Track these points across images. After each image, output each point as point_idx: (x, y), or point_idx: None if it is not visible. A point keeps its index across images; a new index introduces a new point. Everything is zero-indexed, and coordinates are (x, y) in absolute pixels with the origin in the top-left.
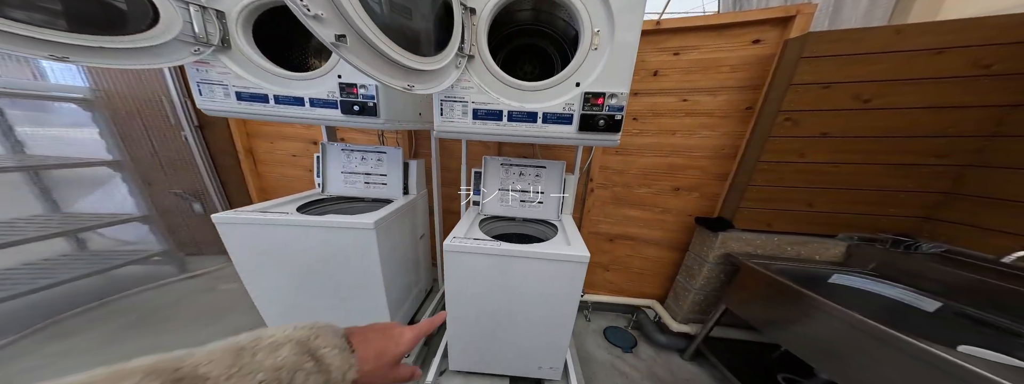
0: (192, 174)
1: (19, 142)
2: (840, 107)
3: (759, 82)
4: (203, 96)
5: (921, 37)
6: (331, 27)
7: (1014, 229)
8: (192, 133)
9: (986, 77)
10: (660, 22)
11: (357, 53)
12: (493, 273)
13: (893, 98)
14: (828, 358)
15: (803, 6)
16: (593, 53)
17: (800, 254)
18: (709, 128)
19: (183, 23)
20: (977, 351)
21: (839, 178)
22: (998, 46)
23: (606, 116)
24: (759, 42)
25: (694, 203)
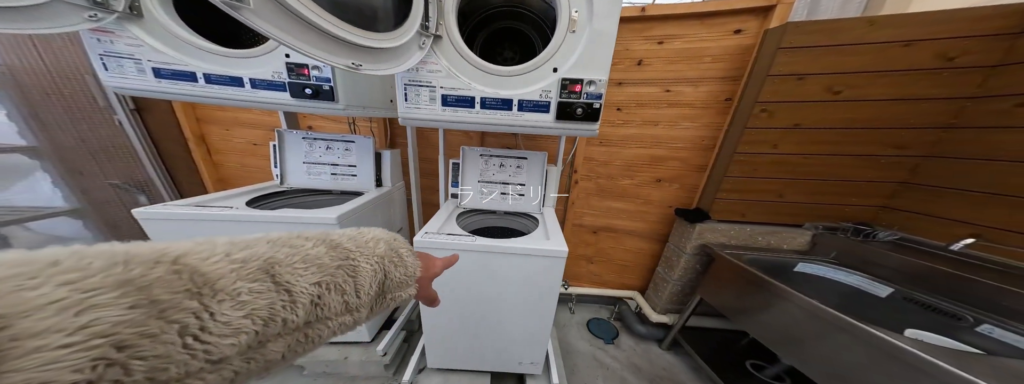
0: (132, 163)
1: None
2: (813, 99)
3: (739, 73)
4: (109, 72)
5: (893, 29)
6: None
7: (962, 217)
8: (128, 117)
9: (949, 70)
10: (645, 9)
11: (268, 19)
12: (470, 269)
13: (862, 90)
14: (788, 344)
15: None
16: (570, 36)
17: (770, 244)
18: (690, 119)
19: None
20: (922, 335)
21: (808, 169)
22: (962, 39)
23: (583, 104)
24: (740, 32)
25: (674, 194)
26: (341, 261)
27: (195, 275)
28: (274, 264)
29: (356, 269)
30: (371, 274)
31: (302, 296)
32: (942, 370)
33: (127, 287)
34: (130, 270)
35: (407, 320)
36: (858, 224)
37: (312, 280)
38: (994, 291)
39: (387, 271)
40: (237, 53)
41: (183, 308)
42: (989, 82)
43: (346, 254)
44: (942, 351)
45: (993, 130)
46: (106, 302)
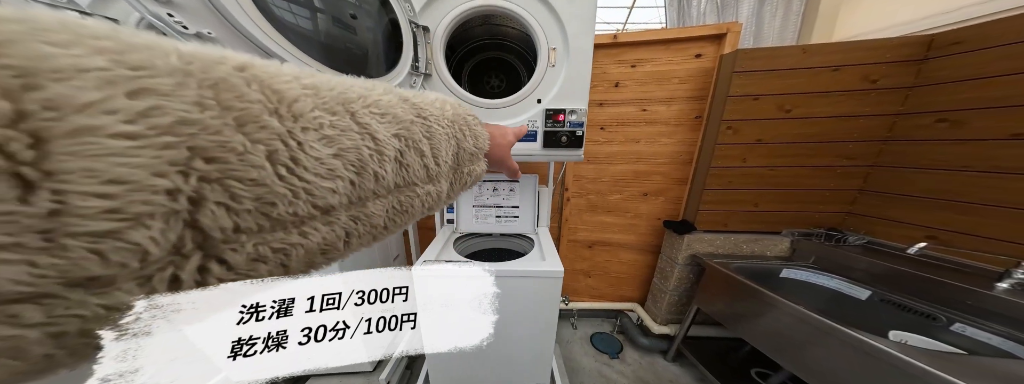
0: None
1: None
2: (768, 117)
3: (704, 93)
4: None
5: (822, 56)
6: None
7: (916, 221)
8: None
9: (875, 90)
10: (617, 36)
11: None
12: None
13: (807, 108)
14: (783, 351)
15: (731, 24)
16: (551, 70)
17: (754, 251)
18: (667, 136)
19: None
20: (906, 336)
21: (776, 180)
22: (880, 64)
23: (567, 132)
24: (700, 56)
25: (661, 207)
26: (414, 116)
27: (267, 89)
28: (350, 101)
29: (430, 129)
30: (446, 137)
31: (387, 147)
32: (936, 377)
33: (186, 78)
34: (187, 62)
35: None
36: (829, 229)
37: (392, 131)
38: (957, 290)
39: (458, 139)
40: None
41: (263, 125)
42: (909, 101)
43: (417, 110)
44: (930, 354)
45: (922, 143)
46: (164, 88)
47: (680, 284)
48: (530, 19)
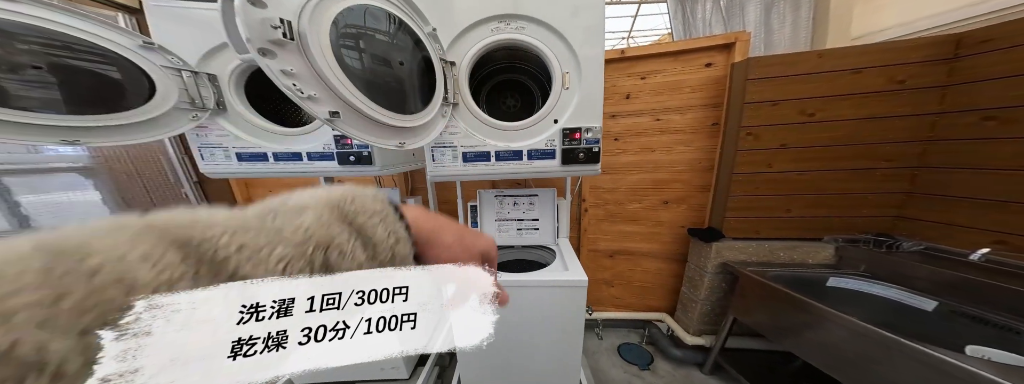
0: None
1: (25, 216)
2: (790, 121)
3: (718, 101)
4: (205, 161)
5: (840, 59)
6: (325, 105)
7: (977, 225)
8: (192, 189)
9: (906, 91)
10: (624, 51)
11: (351, 124)
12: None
13: (832, 111)
14: (841, 367)
15: (740, 34)
16: (565, 92)
17: (793, 259)
18: (683, 144)
19: (179, 91)
20: (986, 351)
21: (807, 184)
22: (905, 65)
23: (584, 149)
24: (711, 65)
25: (684, 214)
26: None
27: None
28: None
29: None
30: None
31: None
32: None
33: None
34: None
35: (439, 355)
36: (878, 235)
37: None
38: None
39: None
40: (296, 131)
41: None
42: (948, 99)
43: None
44: (1013, 370)
45: (972, 141)
46: None
47: (712, 293)
48: (544, 48)
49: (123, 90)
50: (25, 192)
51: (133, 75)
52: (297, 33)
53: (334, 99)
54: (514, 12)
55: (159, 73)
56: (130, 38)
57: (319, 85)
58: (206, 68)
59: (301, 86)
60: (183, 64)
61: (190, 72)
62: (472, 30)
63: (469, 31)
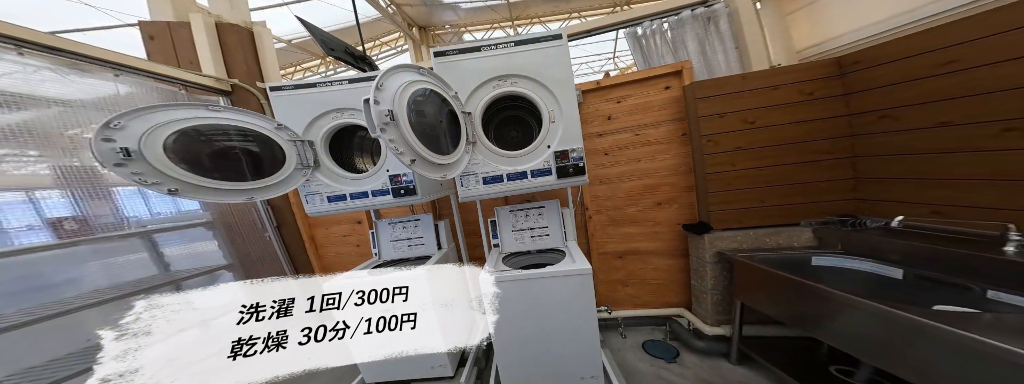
0: (276, 265)
1: (166, 263)
2: (737, 129)
3: (682, 115)
4: (309, 204)
5: (759, 80)
6: (407, 157)
7: (918, 199)
8: (272, 232)
9: (817, 100)
10: (599, 82)
11: (420, 166)
12: (520, 295)
13: (768, 118)
14: (856, 342)
15: (684, 63)
16: (552, 125)
17: (779, 243)
18: (663, 152)
19: (297, 156)
20: (949, 309)
21: (770, 178)
22: (808, 81)
23: (573, 165)
24: (669, 88)
25: (677, 213)
26: None
27: None
28: None
29: None
30: None
31: None
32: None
33: None
34: None
35: (475, 357)
36: (842, 216)
37: None
38: (976, 260)
39: None
40: (364, 176)
41: None
42: (853, 103)
43: None
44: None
45: (880, 134)
46: None
47: (717, 282)
48: (533, 96)
49: (262, 159)
50: (166, 246)
51: (271, 149)
52: (396, 116)
53: (412, 151)
54: (508, 73)
55: (286, 145)
56: (268, 122)
57: (405, 145)
58: (306, 137)
59: (397, 146)
60: (297, 136)
61: (301, 141)
62: (480, 88)
63: (478, 89)
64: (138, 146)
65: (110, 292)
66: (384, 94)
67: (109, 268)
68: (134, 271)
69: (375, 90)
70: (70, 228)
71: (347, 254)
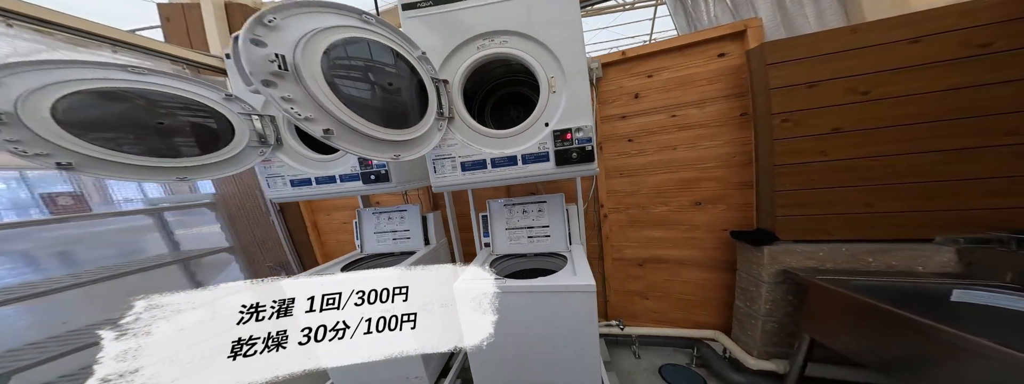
0: (278, 249)
1: (175, 242)
2: (837, 102)
3: (743, 89)
4: (270, 188)
5: (884, 31)
6: (320, 124)
7: None
8: (275, 217)
9: (983, 56)
10: (625, 52)
11: (345, 139)
12: (506, 312)
13: (895, 86)
14: None
15: (750, 21)
16: (553, 96)
17: (891, 265)
18: (708, 138)
19: (250, 132)
20: None
21: (886, 172)
22: (982, 27)
23: (577, 149)
24: (725, 55)
25: (724, 216)
26: None
27: None
28: None
29: None
30: None
31: None
32: None
33: None
34: None
35: (460, 368)
36: (1017, 232)
37: None
38: None
39: None
40: (330, 158)
41: None
42: None
43: None
44: None
45: None
46: None
47: (775, 308)
48: (526, 57)
49: (217, 133)
50: (179, 228)
51: (223, 123)
52: (291, 65)
53: (329, 118)
54: (496, 29)
55: (236, 119)
56: (215, 92)
57: (314, 107)
58: (268, 111)
59: (298, 109)
60: (252, 109)
61: (258, 115)
62: (460, 50)
63: (457, 51)
64: (13, 108)
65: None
66: (277, 35)
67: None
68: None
69: (257, 24)
70: (64, 203)
71: (348, 242)
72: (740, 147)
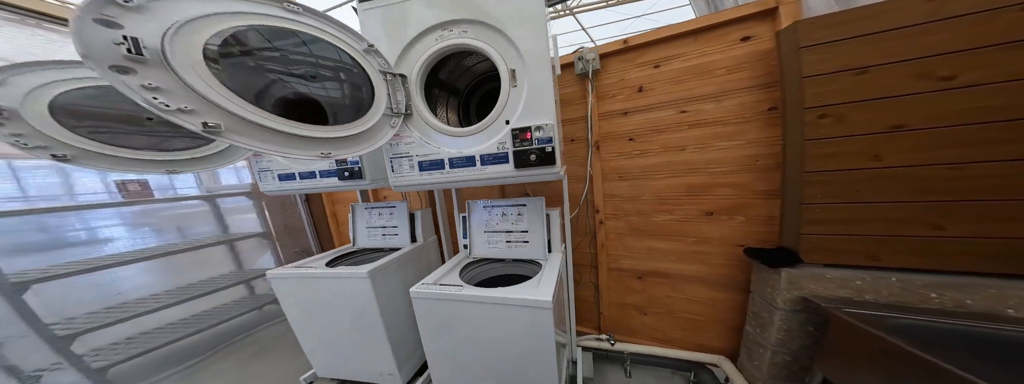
0: (303, 236)
1: (226, 225)
2: (905, 92)
3: (771, 79)
4: (263, 182)
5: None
6: (200, 117)
7: None
8: (301, 205)
9: None
10: (627, 40)
11: (246, 134)
12: (463, 321)
13: (993, 67)
14: None
15: None
16: (514, 90)
17: (964, 304)
18: (725, 137)
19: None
20: None
21: (969, 185)
22: None
23: (536, 150)
24: (749, 39)
25: (741, 229)
26: None
27: None
28: None
29: None
30: None
31: None
32: None
33: None
34: None
35: None
36: None
37: None
38: None
39: None
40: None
41: None
42: None
43: None
44: None
45: None
46: None
47: (789, 338)
48: (487, 49)
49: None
50: (229, 215)
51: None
52: (156, 51)
53: (215, 111)
54: (453, 18)
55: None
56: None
57: (193, 98)
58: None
59: (165, 100)
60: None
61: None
62: (418, 42)
63: (415, 43)
64: (18, 105)
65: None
66: (141, 18)
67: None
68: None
69: (108, 3)
70: (135, 190)
71: None
72: (765, 148)
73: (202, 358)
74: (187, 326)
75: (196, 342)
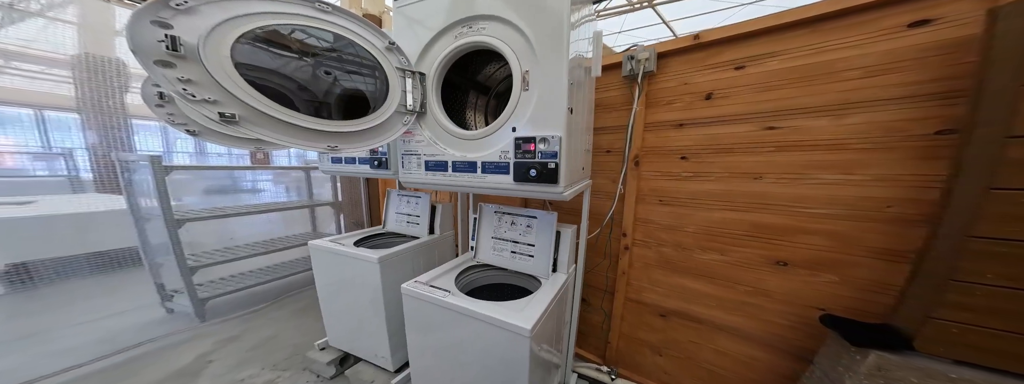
0: (359, 210)
1: (312, 193)
2: None
3: (950, 87)
4: (321, 163)
5: None
6: (221, 107)
7: None
8: (363, 183)
9: None
10: (699, 36)
11: (261, 125)
12: (445, 326)
13: None
14: None
15: None
16: (524, 94)
17: None
18: (836, 169)
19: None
20: None
21: None
22: None
23: (537, 164)
24: (928, 23)
25: (825, 291)
26: None
27: None
28: None
29: None
30: None
31: None
32: None
33: None
34: None
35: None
36: None
37: None
38: None
39: None
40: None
41: None
42: None
43: None
44: None
45: None
46: None
47: None
48: (502, 46)
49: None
50: (315, 186)
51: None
52: (197, 48)
53: (235, 103)
54: (472, 14)
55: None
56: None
57: (217, 90)
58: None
59: (194, 90)
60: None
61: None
62: (438, 40)
63: (435, 41)
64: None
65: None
66: (187, 21)
67: None
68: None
69: (163, 6)
70: (260, 158)
71: None
72: (908, 191)
73: (266, 304)
74: (264, 274)
75: (266, 289)
